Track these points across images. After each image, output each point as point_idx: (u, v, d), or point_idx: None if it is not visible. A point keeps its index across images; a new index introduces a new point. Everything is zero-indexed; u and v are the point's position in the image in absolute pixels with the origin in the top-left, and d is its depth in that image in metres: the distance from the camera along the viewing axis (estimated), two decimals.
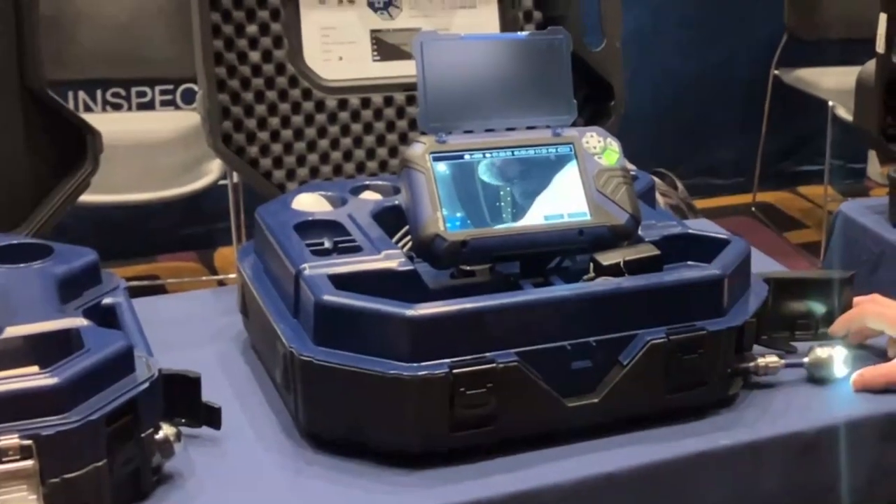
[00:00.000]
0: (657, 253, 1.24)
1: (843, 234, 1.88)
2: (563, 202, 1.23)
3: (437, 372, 1.10)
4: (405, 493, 1.10)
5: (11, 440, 0.96)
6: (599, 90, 1.76)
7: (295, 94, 1.65)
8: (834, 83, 3.49)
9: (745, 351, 1.25)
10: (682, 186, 3.24)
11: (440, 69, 1.24)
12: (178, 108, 3.45)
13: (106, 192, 2.57)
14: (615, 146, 1.28)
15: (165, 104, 3.46)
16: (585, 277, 1.23)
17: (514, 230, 1.21)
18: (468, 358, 1.11)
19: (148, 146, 3.06)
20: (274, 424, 1.21)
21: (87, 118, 1.65)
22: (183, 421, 1.13)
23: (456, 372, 1.10)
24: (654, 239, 1.29)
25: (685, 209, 3.08)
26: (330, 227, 1.30)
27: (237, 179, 2.77)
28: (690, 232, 1.34)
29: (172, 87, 3.42)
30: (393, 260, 1.22)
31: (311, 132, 1.66)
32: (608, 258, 1.22)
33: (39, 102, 1.58)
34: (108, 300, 1.23)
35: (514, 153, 1.24)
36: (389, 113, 1.69)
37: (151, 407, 1.07)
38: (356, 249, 1.24)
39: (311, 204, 1.36)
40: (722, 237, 1.32)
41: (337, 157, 1.67)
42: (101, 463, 1.00)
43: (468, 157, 1.22)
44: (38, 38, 1.56)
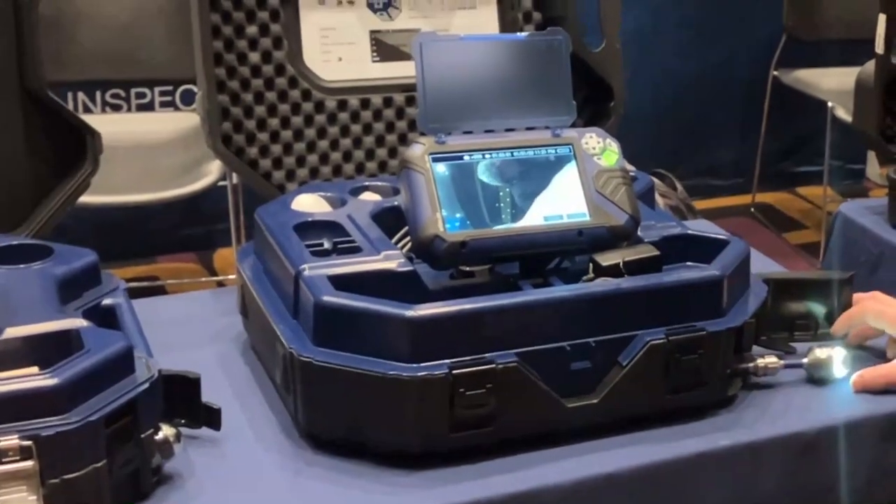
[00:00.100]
0: (656, 254, 1.24)
1: (842, 234, 1.88)
2: (562, 203, 1.23)
3: (436, 372, 1.10)
4: (405, 493, 1.10)
5: (11, 441, 0.96)
6: (599, 91, 1.76)
7: (294, 94, 1.65)
8: (833, 84, 3.49)
9: (744, 351, 1.25)
10: (681, 187, 3.24)
11: (439, 70, 1.24)
12: (177, 109, 3.45)
13: (105, 192, 2.57)
14: (614, 147, 1.28)
15: (165, 105, 3.46)
16: (585, 278, 1.23)
17: (513, 231, 1.21)
18: (468, 358, 1.11)
19: (147, 147, 3.06)
20: (273, 425, 1.21)
21: (86, 119, 1.65)
22: (183, 422, 1.13)
23: (455, 372, 1.10)
24: (653, 240, 1.29)
25: (684, 210, 3.08)
26: (329, 227, 1.30)
27: (236, 180, 2.77)
28: (690, 233, 1.34)
29: (172, 88, 3.42)
30: (392, 261, 1.22)
31: (310, 133, 1.66)
32: (607, 259, 1.22)
33: (39, 103, 1.58)
34: (107, 301, 1.23)
35: (513, 154, 1.24)
36: (389, 114, 1.69)
37: (151, 408, 1.07)
38: (356, 250, 1.24)
39: (310, 205, 1.36)
40: (721, 238, 1.33)
41: (336, 157, 1.67)
42: (100, 463, 1.00)
43: (467, 157, 1.22)
44: (37, 38, 1.56)
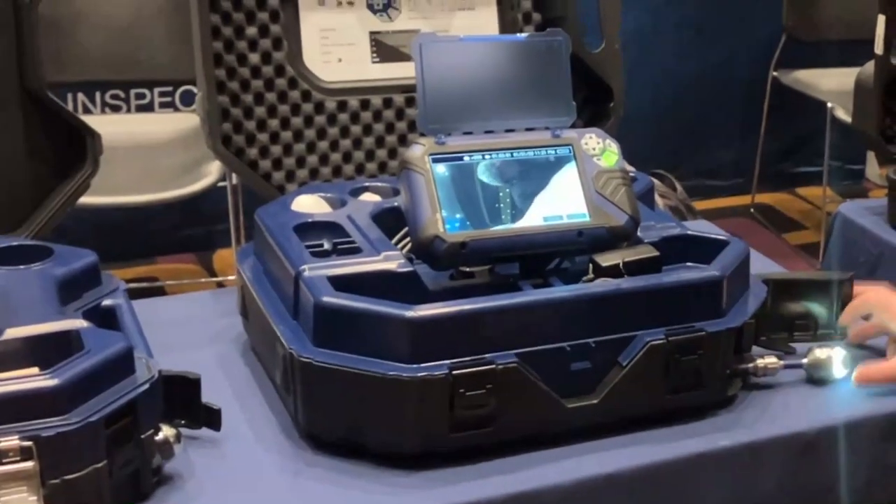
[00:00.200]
0: (656, 254, 1.24)
1: (841, 235, 1.88)
2: (562, 203, 1.23)
3: (436, 373, 1.10)
4: (405, 494, 1.10)
5: (12, 441, 0.96)
6: (599, 91, 1.76)
7: (294, 95, 1.65)
8: (833, 84, 3.49)
9: (744, 352, 1.25)
10: (680, 188, 3.24)
11: (439, 71, 1.24)
12: (177, 109, 3.45)
13: (105, 193, 2.56)
14: (614, 147, 1.28)
15: (164, 106, 3.46)
16: (585, 279, 1.23)
17: (513, 231, 1.21)
18: (468, 359, 1.11)
19: (147, 148, 3.06)
20: (273, 426, 1.21)
21: (86, 120, 1.65)
22: (183, 422, 1.13)
23: (455, 373, 1.10)
24: (653, 240, 1.29)
25: (684, 210, 3.08)
26: (329, 228, 1.30)
27: (236, 181, 2.76)
28: (689, 233, 1.34)
29: (171, 88, 3.42)
30: (392, 261, 1.22)
31: (310, 134, 1.66)
32: (607, 259, 1.22)
33: (39, 104, 1.58)
34: (108, 302, 1.23)
35: (513, 155, 1.24)
36: (389, 114, 1.69)
37: (151, 408, 1.07)
38: (355, 251, 1.24)
39: (310, 205, 1.36)
40: (721, 238, 1.33)
41: (336, 158, 1.67)
42: (101, 464, 1.00)
43: (467, 158, 1.22)
44: (37, 39, 1.56)
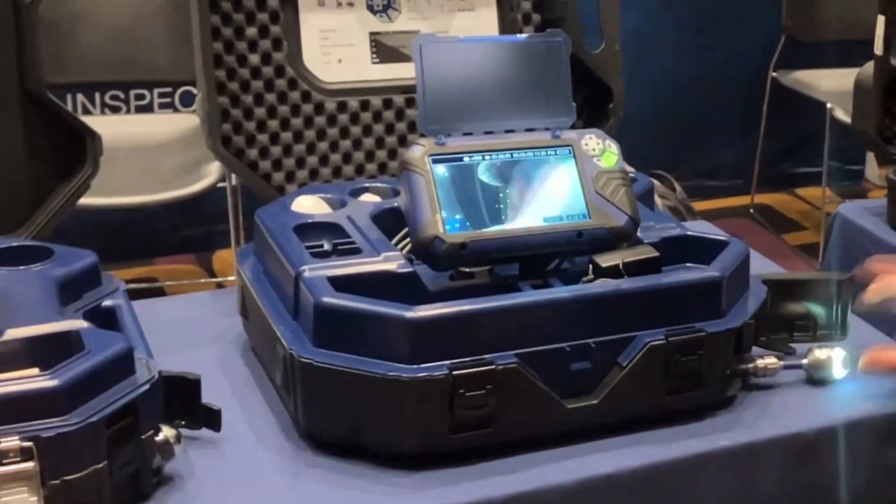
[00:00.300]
0: (656, 255, 1.25)
1: (841, 235, 1.88)
2: (562, 204, 1.23)
3: (436, 373, 1.10)
4: (405, 494, 1.10)
5: (12, 442, 0.96)
6: (598, 92, 1.76)
7: (294, 96, 1.65)
8: (832, 85, 3.49)
9: (743, 352, 1.25)
10: (680, 188, 3.25)
11: (439, 71, 1.24)
12: (176, 110, 3.45)
13: (105, 194, 2.56)
14: (614, 148, 1.28)
15: (164, 107, 3.46)
16: (584, 279, 1.23)
17: (513, 232, 1.21)
18: (468, 359, 1.11)
19: (147, 149, 3.06)
20: (273, 426, 1.21)
21: (85, 121, 1.65)
22: (183, 423, 1.13)
23: (455, 373, 1.10)
24: (652, 241, 1.29)
25: (683, 211, 3.08)
26: (329, 229, 1.30)
27: (236, 182, 2.76)
28: (689, 234, 1.35)
29: (171, 89, 3.42)
30: (392, 262, 1.22)
31: (310, 134, 1.66)
32: (607, 260, 1.22)
33: (39, 105, 1.58)
34: (108, 302, 1.23)
35: (513, 155, 1.24)
36: (388, 115, 1.69)
37: (151, 409, 1.07)
38: (355, 251, 1.25)
39: (310, 206, 1.36)
40: (720, 239, 1.33)
41: (336, 159, 1.67)
42: (101, 465, 1.00)
43: (467, 159, 1.22)
44: (37, 40, 1.56)
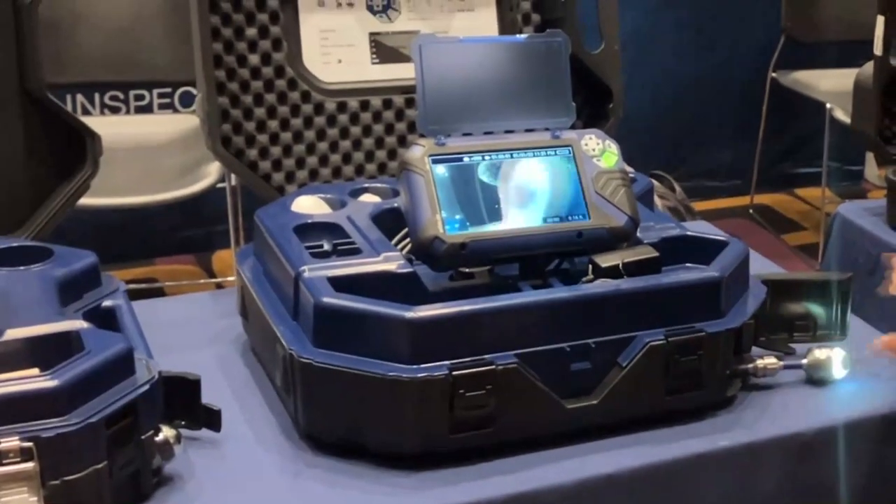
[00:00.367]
0: (656, 255, 1.25)
1: (840, 236, 1.88)
2: (561, 204, 1.23)
3: (436, 374, 1.10)
4: (404, 494, 1.10)
5: (12, 442, 0.96)
6: (598, 93, 1.76)
7: (294, 96, 1.65)
8: (831, 85, 3.48)
9: (743, 352, 1.26)
10: (679, 189, 3.24)
11: (439, 72, 1.24)
12: (176, 111, 3.44)
13: (104, 195, 2.56)
14: (614, 148, 1.28)
15: (163, 107, 3.46)
16: (584, 279, 1.23)
17: (512, 232, 1.21)
18: (467, 360, 1.11)
19: (146, 149, 3.05)
20: (273, 426, 1.21)
21: (85, 121, 1.65)
22: (183, 423, 1.13)
23: (455, 374, 1.10)
24: (652, 241, 1.29)
25: (683, 211, 3.08)
26: (329, 229, 1.30)
27: (236, 182, 2.76)
28: (689, 234, 1.35)
29: (170, 90, 3.42)
30: (392, 262, 1.22)
31: (310, 135, 1.66)
32: (607, 260, 1.22)
33: (39, 105, 1.58)
34: (108, 303, 1.23)
35: (512, 155, 1.24)
36: (388, 115, 1.69)
37: (151, 409, 1.07)
38: (355, 252, 1.25)
39: (310, 206, 1.36)
40: (720, 239, 1.33)
41: (336, 159, 1.67)
42: (101, 465, 1.00)
43: (467, 159, 1.22)
44: (37, 41, 1.56)
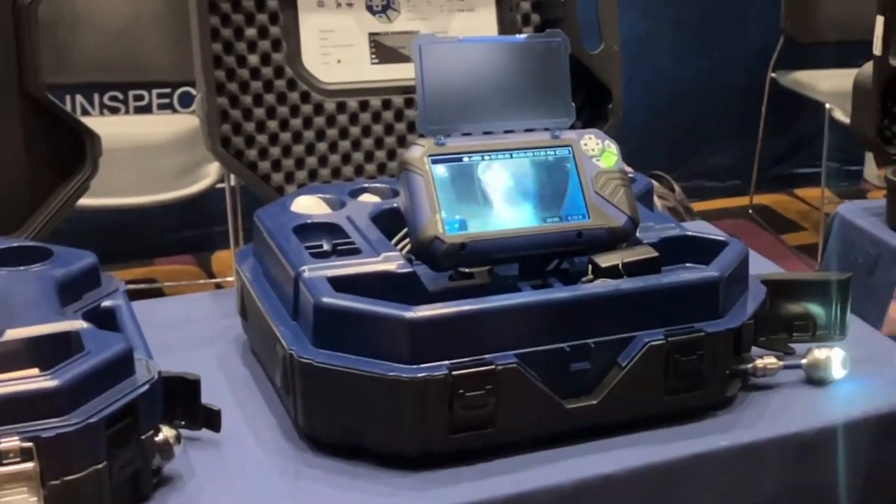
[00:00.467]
0: (655, 255, 1.25)
1: (840, 236, 1.88)
2: (561, 204, 1.23)
3: (436, 374, 1.10)
4: (404, 495, 1.10)
5: (12, 442, 0.96)
6: (597, 93, 1.76)
7: (293, 96, 1.65)
8: (831, 86, 3.49)
9: (743, 352, 1.26)
10: (679, 189, 3.24)
11: (438, 72, 1.24)
12: (175, 111, 3.45)
13: (104, 195, 2.56)
14: (613, 148, 1.28)
15: (163, 108, 3.46)
16: (584, 279, 1.23)
17: (512, 232, 1.21)
18: (467, 360, 1.11)
19: (146, 150, 3.05)
20: (273, 427, 1.21)
21: (84, 122, 1.65)
22: (182, 423, 1.13)
23: (455, 374, 1.10)
24: (652, 241, 1.29)
25: (682, 212, 3.08)
26: (329, 229, 1.30)
27: (235, 182, 2.76)
28: (688, 234, 1.35)
29: (170, 90, 3.42)
30: (392, 262, 1.22)
31: (309, 135, 1.66)
32: (606, 260, 1.22)
33: (38, 106, 1.58)
34: (107, 303, 1.23)
35: (512, 155, 1.24)
36: (388, 116, 1.69)
37: (151, 409, 1.07)
38: (355, 252, 1.25)
39: (309, 206, 1.36)
40: (720, 239, 1.33)
41: (335, 159, 1.67)
42: (101, 465, 1.00)
43: (467, 159, 1.22)
44: (36, 41, 1.56)
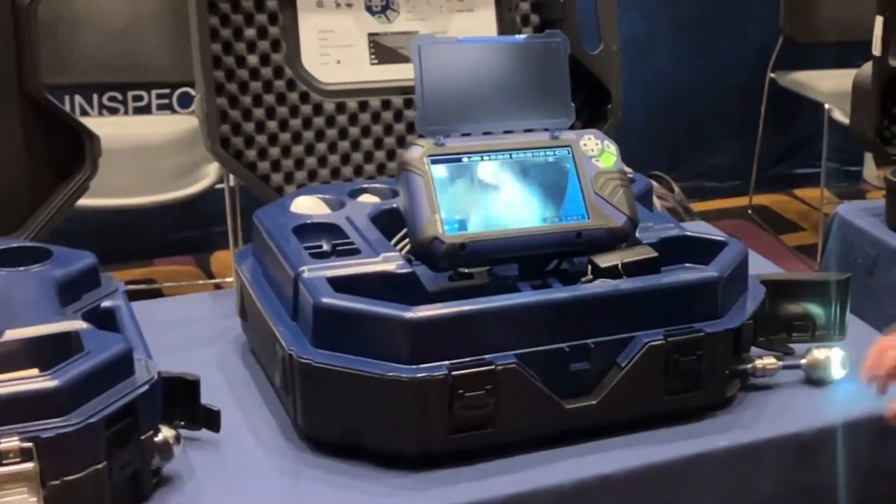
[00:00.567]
0: (655, 255, 1.25)
1: (839, 236, 1.88)
2: (560, 205, 1.24)
3: (435, 374, 1.10)
4: (404, 495, 1.10)
5: (12, 442, 0.96)
6: (597, 93, 1.76)
7: (293, 97, 1.65)
8: (830, 86, 3.48)
9: (742, 353, 1.26)
10: (678, 189, 3.24)
11: (438, 72, 1.24)
12: (174, 111, 3.44)
13: (103, 195, 2.56)
14: (613, 149, 1.28)
15: (162, 108, 3.45)
16: (583, 279, 1.23)
17: (512, 233, 1.21)
18: (467, 360, 1.11)
19: (145, 150, 3.05)
20: (273, 427, 1.21)
21: (83, 122, 1.65)
22: (182, 423, 1.13)
23: (455, 374, 1.10)
24: (651, 241, 1.29)
25: (682, 212, 3.08)
26: (328, 229, 1.30)
27: (234, 183, 2.76)
28: (688, 234, 1.35)
29: (169, 90, 3.41)
30: (391, 262, 1.22)
31: (308, 135, 1.66)
32: (606, 260, 1.22)
33: (38, 107, 1.58)
34: (107, 303, 1.23)
35: (511, 156, 1.24)
36: (387, 116, 1.69)
37: (151, 409, 1.07)
38: (355, 252, 1.25)
39: (309, 207, 1.36)
40: (719, 239, 1.33)
41: (335, 160, 1.67)
42: (100, 465, 1.00)
43: (466, 159, 1.22)
44: (36, 42, 1.56)
